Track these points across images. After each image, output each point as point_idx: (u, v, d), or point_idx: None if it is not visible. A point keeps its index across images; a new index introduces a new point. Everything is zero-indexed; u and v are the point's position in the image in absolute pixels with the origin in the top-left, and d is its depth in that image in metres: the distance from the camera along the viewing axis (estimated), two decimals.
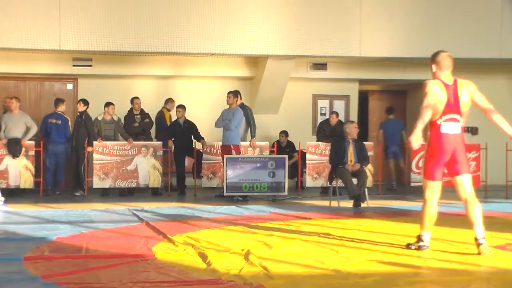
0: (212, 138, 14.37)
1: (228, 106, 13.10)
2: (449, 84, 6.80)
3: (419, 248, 6.88)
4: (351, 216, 10.26)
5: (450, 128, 6.74)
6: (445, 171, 7.06)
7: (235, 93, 13.17)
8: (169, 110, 14.58)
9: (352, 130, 11.98)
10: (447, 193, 14.24)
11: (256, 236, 7.80)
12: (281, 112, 16.06)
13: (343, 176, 11.58)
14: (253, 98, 15.69)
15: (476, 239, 6.71)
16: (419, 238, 6.96)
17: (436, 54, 6.95)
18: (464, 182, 6.98)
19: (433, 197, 6.95)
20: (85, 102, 13.61)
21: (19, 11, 13.24)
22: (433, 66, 6.91)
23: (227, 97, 13.15)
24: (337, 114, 14.62)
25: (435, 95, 6.69)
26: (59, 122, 13.67)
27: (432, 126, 6.78)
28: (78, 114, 13.62)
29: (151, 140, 14.02)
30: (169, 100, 14.69)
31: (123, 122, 13.93)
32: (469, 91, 6.83)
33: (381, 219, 9.62)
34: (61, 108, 13.83)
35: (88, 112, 13.57)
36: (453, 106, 6.73)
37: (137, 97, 14.06)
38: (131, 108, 14.00)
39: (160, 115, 14.47)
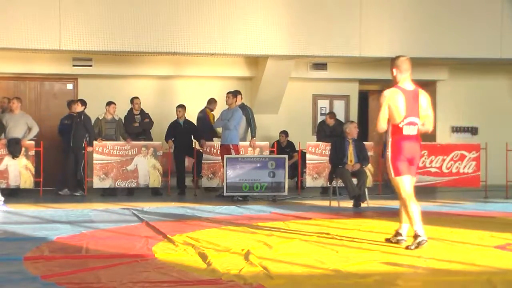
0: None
1: (227, 106, 13.11)
2: (410, 89, 7.17)
3: (418, 245, 6.88)
4: (351, 216, 10.26)
5: (411, 130, 7.14)
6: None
7: (234, 93, 13.18)
8: (211, 110, 14.54)
9: (352, 130, 11.98)
10: (447, 193, 14.30)
11: (256, 236, 7.79)
12: (281, 112, 16.06)
13: (343, 176, 11.58)
14: (253, 98, 15.69)
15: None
16: (416, 235, 6.97)
17: (395, 58, 7.29)
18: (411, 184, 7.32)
19: (410, 192, 7.13)
20: (83, 102, 13.62)
21: (19, 11, 13.24)
22: (394, 70, 7.24)
23: (226, 97, 13.16)
24: (331, 115, 14.63)
25: (392, 104, 7.03)
26: (69, 122, 13.72)
27: (394, 129, 7.13)
28: (77, 114, 13.59)
29: (151, 140, 13.99)
30: (212, 100, 14.65)
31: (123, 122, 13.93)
32: (428, 99, 7.28)
33: (381, 219, 9.61)
34: (73, 109, 13.85)
35: (86, 113, 13.56)
36: (413, 110, 7.11)
37: (137, 97, 14.05)
38: (131, 108, 13.99)
39: (204, 115, 14.40)
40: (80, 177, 13.39)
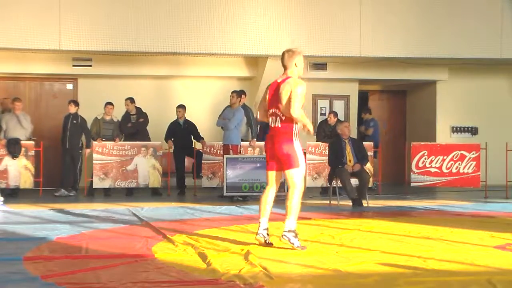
0: (212, 138, 14.36)
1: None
2: (278, 81, 7.24)
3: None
4: (351, 216, 10.25)
5: (272, 122, 7.13)
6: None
7: (239, 93, 13.19)
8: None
9: (344, 130, 11.97)
10: (447, 193, 14.28)
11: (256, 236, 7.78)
12: None
13: (341, 177, 11.56)
14: (253, 98, 15.67)
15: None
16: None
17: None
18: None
19: (267, 186, 7.55)
20: (76, 103, 13.62)
21: (19, 11, 13.24)
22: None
23: (230, 96, 13.15)
24: (334, 114, 14.62)
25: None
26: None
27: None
28: (71, 115, 13.52)
29: (148, 139, 13.84)
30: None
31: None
32: (286, 89, 7.14)
33: (381, 219, 9.61)
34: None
35: (80, 114, 13.53)
36: (274, 101, 7.10)
37: (126, 98, 13.83)
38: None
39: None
40: (75, 177, 13.37)
